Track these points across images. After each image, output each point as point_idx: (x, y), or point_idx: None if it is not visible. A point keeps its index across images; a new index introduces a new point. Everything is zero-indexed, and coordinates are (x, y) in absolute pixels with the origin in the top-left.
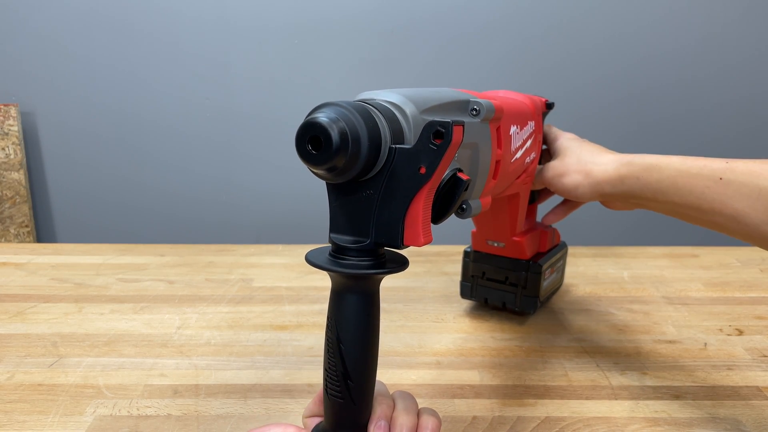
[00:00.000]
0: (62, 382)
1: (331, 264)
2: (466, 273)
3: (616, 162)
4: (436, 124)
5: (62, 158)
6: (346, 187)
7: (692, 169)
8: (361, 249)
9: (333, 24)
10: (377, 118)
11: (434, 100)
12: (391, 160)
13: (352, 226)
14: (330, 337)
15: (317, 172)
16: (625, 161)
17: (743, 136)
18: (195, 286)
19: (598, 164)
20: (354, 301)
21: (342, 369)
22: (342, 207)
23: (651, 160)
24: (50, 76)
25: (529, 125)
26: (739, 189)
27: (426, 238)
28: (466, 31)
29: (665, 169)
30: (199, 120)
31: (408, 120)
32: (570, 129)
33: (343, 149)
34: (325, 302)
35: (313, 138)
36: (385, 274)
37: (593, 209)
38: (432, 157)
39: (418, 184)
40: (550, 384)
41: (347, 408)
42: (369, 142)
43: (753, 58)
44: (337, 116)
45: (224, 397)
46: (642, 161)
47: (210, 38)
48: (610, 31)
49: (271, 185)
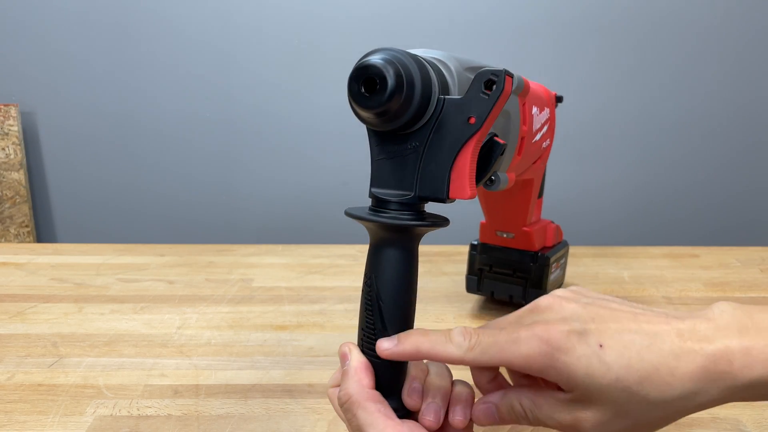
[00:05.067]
0: (62, 382)
1: (372, 215)
2: (472, 266)
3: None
4: (488, 72)
5: (62, 158)
6: (392, 138)
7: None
8: (404, 202)
9: (333, 25)
10: (428, 67)
11: (472, 62)
12: (440, 110)
13: (396, 180)
14: (369, 294)
15: (366, 116)
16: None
17: (744, 137)
18: (195, 286)
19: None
20: (394, 255)
21: (381, 326)
22: (385, 160)
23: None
24: (50, 76)
25: (546, 111)
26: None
27: (472, 191)
28: (467, 27)
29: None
30: (200, 120)
31: (452, 75)
32: (570, 128)
33: (397, 92)
34: (325, 302)
35: (368, 80)
36: (427, 228)
37: (593, 209)
38: (482, 106)
39: (467, 134)
40: None
41: (383, 368)
42: (422, 88)
43: (754, 58)
44: (392, 59)
45: (224, 397)
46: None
47: (210, 38)
48: (615, 29)
49: (271, 185)
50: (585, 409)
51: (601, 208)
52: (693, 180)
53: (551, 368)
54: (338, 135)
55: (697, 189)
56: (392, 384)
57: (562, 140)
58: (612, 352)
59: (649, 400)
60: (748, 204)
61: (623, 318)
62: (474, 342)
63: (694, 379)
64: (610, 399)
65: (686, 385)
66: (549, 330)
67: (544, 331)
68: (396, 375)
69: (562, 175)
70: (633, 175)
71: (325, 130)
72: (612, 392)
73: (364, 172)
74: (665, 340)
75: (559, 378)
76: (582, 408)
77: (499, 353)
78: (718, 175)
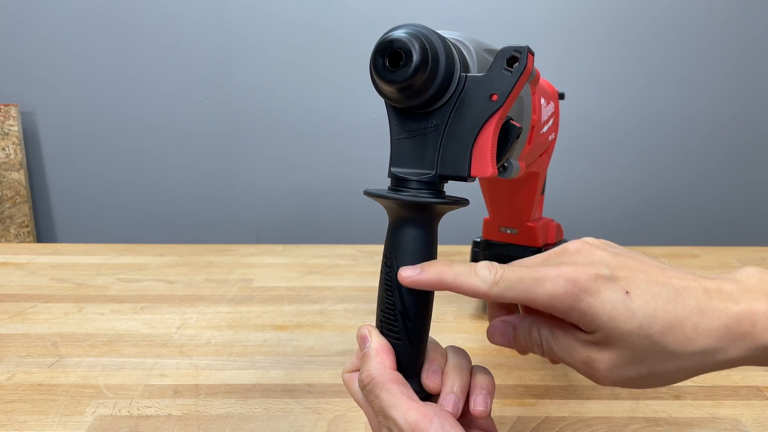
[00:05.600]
0: (62, 382)
1: (392, 193)
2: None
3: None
4: (510, 49)
5: (62, 158)
6: (412, 116)
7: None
8: (424, 181)
9: (333, 25)
10: (451, 44)
11: (489, 44)
12: (461, 88)
13: (416, 159)
14: (388, 275)
15: (389, 91)
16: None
17: (744, 136)
18: (195, 286)
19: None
20: (414, 234)
21: (401, 307)
22: (406, 139)
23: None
24: (50, 76)
25: (551, 105)
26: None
27: (494, 168)
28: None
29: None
30: (199, 119)
31: (472, 54)
32: (570, 127)
33: (422, 67)
34: (325, 302)
35: (393, 54)
36: (447, 207)
37: (592, 209)
38: (505, 83)
39: (489, 110)
40: (550, 384)
41: (404, 350)
42: (446, 64)
43: (754, 59)
44: (417, 34)
45: (224, 397)
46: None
47: (210, 38)
48: (616, 29)
49: (271, 185)
50: (602, 351)
51: (601, 208)
52: (692, 179)
53: (575, 309)
54: (339, 135)
55: (696, 187)
56: (412, 366)
57: (562, 139)
58: (638, 300)
59: (668, 351)
60: (747, 202)
61: (651, 270)
62: (499, 276)
63: (716, 337)
64: (630, 345)
65: (707, 341)
66: (577, 271)
67: (572, 272)
68: (416, 357)
69: (562, 174)
70: (632, 175)
71: (326, 130)
72: (633, 338)
73: (365, 172)
74: (692, 296)
75: (582, 319)
76: (599, 350)
77: (524, 290)
78: (718, 173)
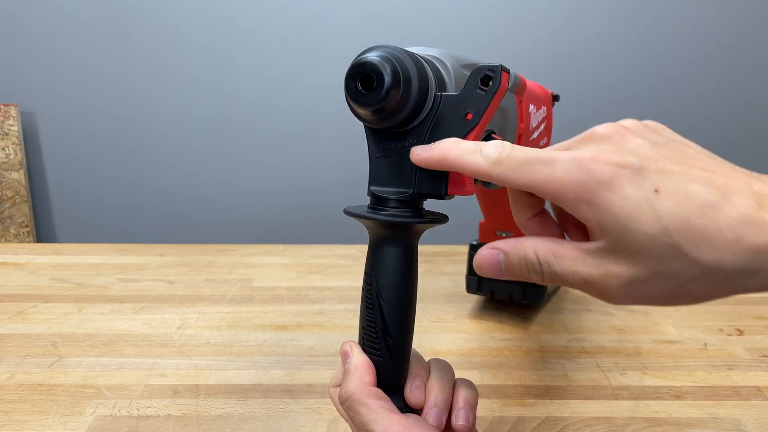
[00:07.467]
0: (62, 382)
1: (371, 213)
2: (472, 267)
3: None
4: (484, 68)
5: (62, 158)
6: (389, 135)
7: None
8: (402, 200)
9: (333, 24)
10: (425, 64)
11: (468, 59)
12: (437, 107)
13: (394, 178)
14: (369, 293)
15: (363, 114)
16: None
17: (744, 135)
18: (195, 286)
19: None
20: (394, 253)
21: (382, 325)
22: (383, 158)
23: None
24: (50, 76)
25: (543, 110)
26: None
27: (471, 187)
28: (466, 26)
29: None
30: (199, 119)
31: (449, 72)
32: (570, 127)
33: (394, 89)
34: (325, 302)
35: (365, 77)
36: (426, 225)
37: None
38: (480, 102)
39: (465, 129)
40: (550, 384)
41: (385, 366)
42: (419, 85)
43: (754, 59)
44: (389, 56)
45: (224, 397)
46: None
47: (209, 37)
48: (614, 26)
49: (271, 185)
50: (617, 262)
51: None
52: None
53: (585, 203)
54: (338, 134)
55: None
56: (394, 382)
57: (559, 140)
58: (668, 200)
59: (701, 264)
60: None
61: (695, 164)
62: (504, 155)
63: (761, 255)
64: (652, 254)
65: (749, 258)
66: (597, 158)
67: (589, 158)
68: (397, 373)
69: None
70: None
71: (326, 130)
72: (655, 246)
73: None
74: (739, 202)
75: (592, 216)
76: (614, 261)
77: (529, 173)
78: None
